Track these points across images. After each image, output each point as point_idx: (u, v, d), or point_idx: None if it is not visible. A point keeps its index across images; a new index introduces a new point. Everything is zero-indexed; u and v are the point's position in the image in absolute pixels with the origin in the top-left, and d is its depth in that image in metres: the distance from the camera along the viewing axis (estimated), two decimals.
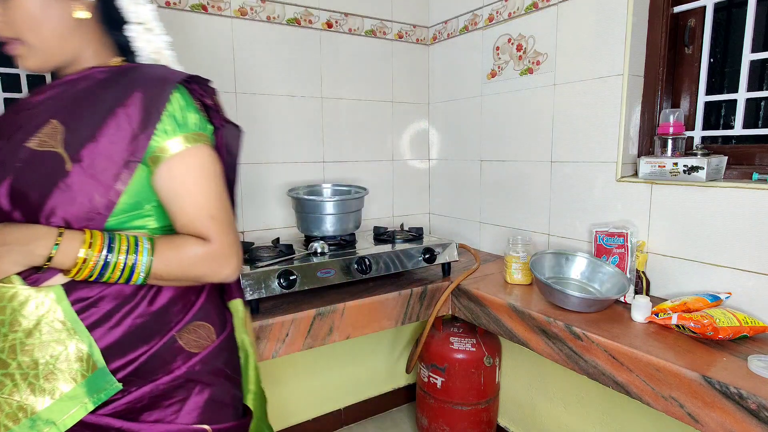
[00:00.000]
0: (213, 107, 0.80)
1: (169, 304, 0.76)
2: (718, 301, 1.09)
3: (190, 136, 0.73)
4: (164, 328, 0.75)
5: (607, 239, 1.31)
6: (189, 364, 0.76)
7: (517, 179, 1.69)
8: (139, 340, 0.72)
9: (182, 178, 0.72)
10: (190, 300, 0.79)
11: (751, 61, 1.19)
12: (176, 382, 0.74)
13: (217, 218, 0.74)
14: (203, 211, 0.73)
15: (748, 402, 0.81)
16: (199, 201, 0.73)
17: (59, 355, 0.66)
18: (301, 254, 1.35)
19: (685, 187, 1.21)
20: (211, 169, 0.75)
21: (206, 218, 0.73)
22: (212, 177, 0.75)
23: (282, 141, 1.74)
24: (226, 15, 1.58)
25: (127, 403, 0.70)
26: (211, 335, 0.80)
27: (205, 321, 0.80)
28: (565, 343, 1.14)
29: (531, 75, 1.60)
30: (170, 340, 0.75)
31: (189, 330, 0.77)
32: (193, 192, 0.73)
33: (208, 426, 0.76)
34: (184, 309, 0.78)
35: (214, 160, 0.76)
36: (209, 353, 0.79)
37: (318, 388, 1.89)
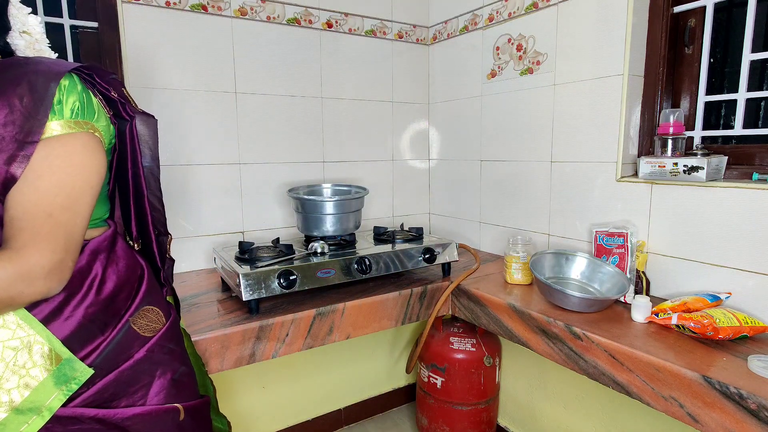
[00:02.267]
0: (118, 99, 0.79)
1: (116, 291, 0.75)
2: (718, 301, 1.09)
3: (68, 122, 0.67)
4: (117, 315, 0.75)
5: (607, 239, 1.31)
6: (146, 347, 0.77)
7: (517, 179, 1.69)
8: (96, 328, 0.72)
9: (40, 162, 0.64)
10: (134, 286, 0.80)
11: (751, 61, 1.19)
12: (139, 366, 0.75)
13: (54, 219, 0.64)
14: (40, 207, 0.64)
15: (748, 402, 0.81)
16: (44, 192, 0.64)
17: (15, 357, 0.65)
18: (301, 254, 1.35)
19: (685, 187, 1.21)
20: (77, 162, 0.67)
21: (42, 215, 0.64)
22: (75, 171, 0.67)
23: (282, 141, 1.74)
24: (226, 15, 1.58)
25: (94, 394, 0.70)
26: (161, 318, 0.82)
27: (153, 305, 0.81)
28: (565, 343, 1.14)
29: (531, 75, 1.60)
30: (125, 326, 0.75)
31: (141, 315, 0.78)
32: (43, 179, 0.64)
33: (179, 405, 0.79)
34: (131, 295, 0.78)
35: (89, 154, 0.69)
36: (162, 335, 0.81)
37: (318, 388, 1.89)
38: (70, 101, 0.68)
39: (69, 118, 0.67)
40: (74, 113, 0.68)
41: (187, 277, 1.54)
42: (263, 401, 1.73)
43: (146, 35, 1.46)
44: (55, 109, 0.66)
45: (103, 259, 0.76)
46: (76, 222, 0.68)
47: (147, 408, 0.75)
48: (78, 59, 1.46)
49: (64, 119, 0.67)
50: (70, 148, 0.67)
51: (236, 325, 1.11)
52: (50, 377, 0.66)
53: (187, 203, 1.58)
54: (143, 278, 0.82)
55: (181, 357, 0.85)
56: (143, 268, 0.83)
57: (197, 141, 1.58)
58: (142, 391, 0.76)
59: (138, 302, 0.78)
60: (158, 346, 0.79)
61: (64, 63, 0.71)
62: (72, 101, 0.68)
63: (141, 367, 0.76)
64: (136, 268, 0.82)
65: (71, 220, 0.67)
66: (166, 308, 0.84)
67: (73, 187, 0.67)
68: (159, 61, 1.49)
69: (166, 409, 0.77)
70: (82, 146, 0.68)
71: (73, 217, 0.67)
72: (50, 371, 0.66)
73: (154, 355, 0.78)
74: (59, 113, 0.66)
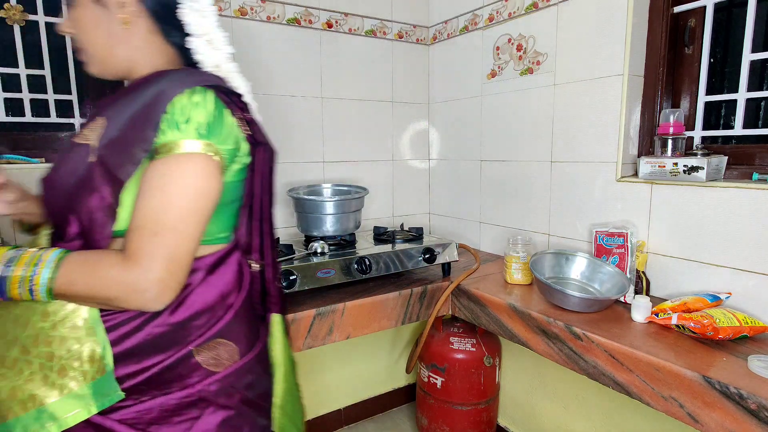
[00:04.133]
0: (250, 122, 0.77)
1: (192, 317, 0.72)
2: (718, 301, 1.09)
3: (191, 142, 0.66)
4: (182, 341, 0.71)
5: (607, 239, 1.31)
6: (205, 382, 0.72)
7: (517, 179, 1.69)
8: (156, 349, 0.70)
9: (157, 179, 0.66)
10: (217, 315, 0.75)
11: (751, 61, 1.19)
12: (189, 398, 0.71)
13: (158, 239, 0.64)
14: (150, 223, 0.65)
15: (748, 402, 0.80)
16: (154, 210, 0.65)
17: (74, 352, 0.66)
18: (301, 254, 1.35)
19: (685, 187, 1.21)
20: (191, 184, 0.66)
21: (148, 233, 0.64)
22: (187, 193, 0.66)
23: (282, 141, 1.73)
24: (226, 15, 1.58)
25: (136, 412, 0.68)
26: (234, 355, 0.76)
27: (228, 339, 0.75)
28: (565, 343, 1.14)
29: (531, 75, 1.60)
30: (187, 354, 0.71)
31: (209, 347, 0.73)
32: (156, 197, 0.65)
33: None
34: (208, 324, 0.74)
35: (204, 177, 0.67)
36: (229, 374, 0.74)
37: (318, 388, 1.89)
38: (197, 120, 0.67)
39: (193, 137, 0.66)
40: (199, 133, 0.67)
41: None
42: None
43: None
44: (181, 127, 0.66)
45: (197, 279, 0.73)
46: (181, 243, 0.66)
47: None
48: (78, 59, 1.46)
49: (188, 138, 0.66)
50: (186, 169, 0.66)
51: None
52: (92, 385, 0.66)
53: None
54: (231, 308, 0.77)
55: (248, 402, 0.78)
56: (239, 295, 0.78)
57: None
58: (185, 424, 0.71)
59: (212, 334, 0.74)
60: (219, 384, 0.73)
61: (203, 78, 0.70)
62: (199, 120, 0.67)
63: (191, 400, 0.71)
64: (229, 296, 0.77)
65: (175, 241, 0.65)
66: (247, 344, 0.79)
67: (181, 209, 0.66)
68: None
69: None
70: (200, 169, 0.67)
71: (178, 238, 0.66)
72: (94, 379, 0.66)
73: (210, 392, 0.72)
74: (184, 131, 0.66)
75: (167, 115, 0.66)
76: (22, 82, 1.39)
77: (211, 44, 0.77)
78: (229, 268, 0.78)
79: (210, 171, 0.68)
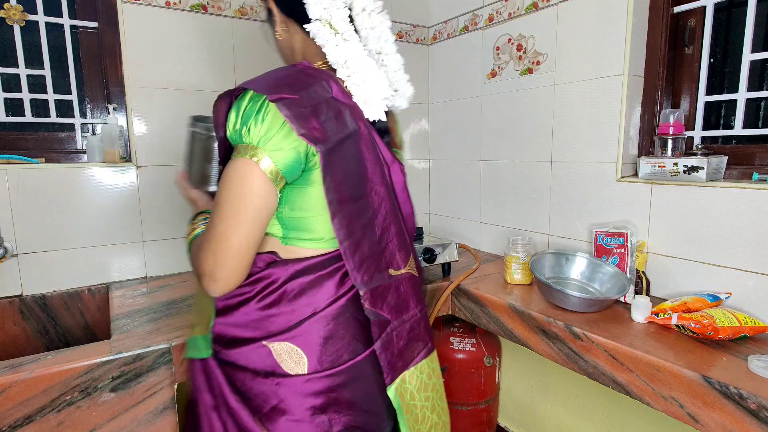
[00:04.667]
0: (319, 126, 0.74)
1: (273, 315, 0.76)
2: (718, 301, 1.09)
3: (252, 148, 0.69)
4: (263, 331, 0.76)
5: (607, 239, 1.31)
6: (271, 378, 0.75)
7: (517, 179, 1.69)
8: (242, 328, 0.77)
9: (223, 178, 0.72)
10: (300, 316, 0.76)
11: (751, 61, 1.19)
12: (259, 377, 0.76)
13: (211, 230, 0.71)
14: (211, 217, 0.73)
15: (748, 402, 0.80)
16: (214, 207, 0.72)
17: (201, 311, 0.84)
18: None
19: (685, 187, 1.21)
20: (247, 187, 0.69)
21: (209, 225, 0.73)
22: (231, 195, 0.69)
23: None
24: (226, 15, 1.58)
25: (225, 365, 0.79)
26: (302, 365, 0.75)
27: (299, 347, 0.75)
28: (565, 343, 1.14)
29: (531, 75, 1.60)
30: (262, 344, 0.76)
31: (283, 347, 0.75)
32: (219, 194, 0.71)
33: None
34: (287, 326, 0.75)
35: (243, 181, 0.69)
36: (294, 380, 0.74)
37: None
38: (261, 127, 0.69)
39: (255, 143, 0.69)
40: (260, 140, 0.69)
41: (187, 276, 1.54)
42: None
43: (146, 35, 1.46)
44: (250, 131, 0.69)
45: (296, 286, 0.76)
46: (231, 239, 0.69)
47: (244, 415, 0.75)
48: (78, 59, 1.46)
49: (249, 144, 0.69)
50: (238, 171, 0.69)
51: None
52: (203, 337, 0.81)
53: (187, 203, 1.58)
54: (314, 316, 0.76)
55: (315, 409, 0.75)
56: (327, 310, 0.77)
57: None
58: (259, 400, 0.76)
59: (285, 337, 0.75)
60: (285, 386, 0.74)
61: (275, 86, 0.71)
62: (260, 128, 0.69)
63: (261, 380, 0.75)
64: (318, 303, 0.76)
65: (222, 233, 0.69)
66: (318, 359, 0.75)
67: (230, 212, 0.69)
68: (159, 61, 1.49)
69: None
70: (253, 175, 0.68)
71: (224, 231, 0.69)
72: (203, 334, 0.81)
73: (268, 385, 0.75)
74: (246, 136, 0.69)
75: (233, 116, 0.72)
76: (22, 82, 1.39)
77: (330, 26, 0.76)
78: (329, 279, 0.77)
79: (250, 173, 0.69)
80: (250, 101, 0.69)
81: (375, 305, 0.77)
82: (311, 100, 0.71)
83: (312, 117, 0.70)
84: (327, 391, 0.75)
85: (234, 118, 0.71)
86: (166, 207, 1.54)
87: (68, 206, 1.39)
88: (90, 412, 0.93)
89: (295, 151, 0.70)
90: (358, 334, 0.78)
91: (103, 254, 1.46)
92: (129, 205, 1.48)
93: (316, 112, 0.71)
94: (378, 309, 0.77)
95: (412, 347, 0.83)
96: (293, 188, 0.74)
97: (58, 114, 1.46)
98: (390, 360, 0.78)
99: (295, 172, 0.71)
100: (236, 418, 0.75)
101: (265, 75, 0.73)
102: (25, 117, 1.41)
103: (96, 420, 0.93)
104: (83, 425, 0.92)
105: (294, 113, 0.68)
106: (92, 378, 0.92)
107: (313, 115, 0.70)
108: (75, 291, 1.42)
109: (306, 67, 0.78)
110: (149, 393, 0.98)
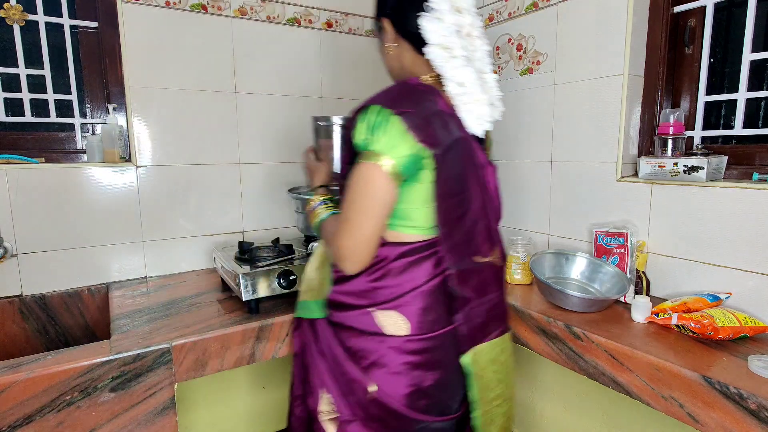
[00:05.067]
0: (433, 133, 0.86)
1: (381, 288, 0.90)
2: (718, 301, 1.09)
3: (374, 154, 0.82)
4: (371, 299, 0.90)
5: (607, 239, 1.31)
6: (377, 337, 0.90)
7: (517, 179, 1.69)
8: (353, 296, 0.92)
9: (350, 178, 0.86)
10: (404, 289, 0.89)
11: (751, 61, 1.19)
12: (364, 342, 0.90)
13: (345, 222, 0.86)
14: (343, 210, 0.87)
15: (748, 402, 0.80)
16: (346, 201, 0.86)
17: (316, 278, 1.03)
18: (302, 254, 1.35)
19: (685, 187, 1.21)
20: (370, 186, 0.83)
21: (343, 216, 0.87)
22: (361, 194, 0.84)
23: (282, 141, 1.74)
24: (226, 15, 1.58)
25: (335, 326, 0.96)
26: (402, 326, 0.89)
27: (402, 314, 0.89)
28: (565, 343, 1.14)
29: (531, 75, 1.60)
30: (369, 310, 0.90)
31: (388, 315, 0.89)
32: (348, 192, 0.86)
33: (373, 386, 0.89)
34: (392, 296, 0.89)
35: (370, 182, 0.83)
36: (396, 342, 0.89)
37: None
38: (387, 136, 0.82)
39: (376, 150, 0.82)
40: (385, 147, 0.82)
41: (187, 277, 1.54)
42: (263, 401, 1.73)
43: (146, 35, 1.46)
44: (378, 140, 0.82)
45: (401, 265, 0.89)
46: (364, 230, 0.84)
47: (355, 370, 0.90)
48: (78, 59, 1.46)
49: (373, 150, 0.83)
50: (366, 174, 0.83)
51: (236, 325, 1.11)
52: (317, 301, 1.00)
53: (187, 203, 1.58)
54: (415, 290, 0.89)
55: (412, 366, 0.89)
56: (425, 286, 0.89)
57: (197, 141, 1.58)
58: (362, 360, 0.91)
59: (391, 306, 0.89)
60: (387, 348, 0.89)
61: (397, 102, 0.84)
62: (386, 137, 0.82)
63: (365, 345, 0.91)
64: (417, 282, 0.89)
65: (356, 225, 0.84)
66: (417, 325, 0.89)
67: (361, 208, 0.84)
68: (159, 61, 1.49)
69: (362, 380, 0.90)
70: (378, 176, 0.82)
71: (358, 223, 0.84)
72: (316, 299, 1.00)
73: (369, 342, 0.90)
74: (373, 144, 0.83)
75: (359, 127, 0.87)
76: (22, 82, 1.39)
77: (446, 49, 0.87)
78: (427, 261, 0.90)
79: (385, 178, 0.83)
80: (378, 115, 0.83)
81: (461, 284, 0.90)
82: (425, 113, 0.84)
83: (427, 126, 0.83)
84: (422, 352, 0.89)
85: (363, 129, 0.85)
86: (166, 207, 1.54)
87: (68, 206, 1.39)
88: (90, 412, 0.93)
89: (412, 155, 0.83)
90: (448, 309, 0.92)
91: (103, 254, 1.46)
92: (129, 205, 1.48)
93: (430, 123, 0.84)
94: (462, 288, 0.90)
95: (488, 325, 0.94)
96: (405, 184, 0.86)
97: (58, 114, 1.46)
98: (468, 332, 0.91)
99: (410, 172, 0.84)
100: (342, 367, 0.91)
101: (385, 92, 0.87)
102: (25, 117, 1.41)
103: (96, 420, 0.93)
104: (83, 425, 0.92)
105: (414, 124, 0.82)
106: (92, 378, 0.92)
107: (428, 125, 0.83)
108: (75, 291, 1.42)
109: (417, 84, 0.90)
110: (149, 393, 0.99)
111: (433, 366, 0.90)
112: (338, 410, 0.92)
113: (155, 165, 1.51)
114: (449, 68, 0.87)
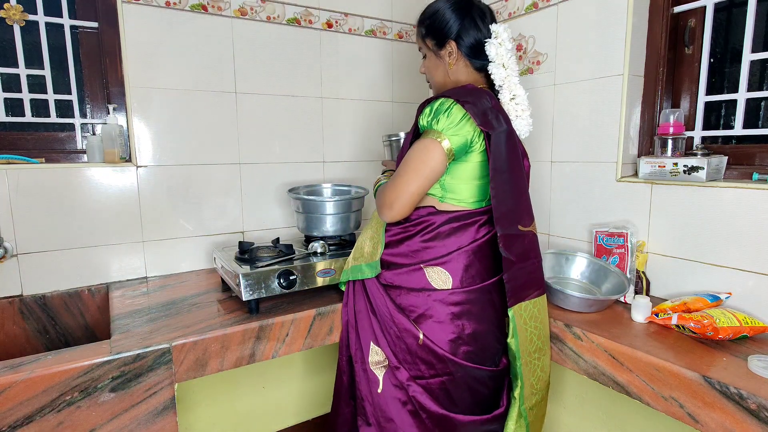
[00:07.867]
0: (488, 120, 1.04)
1: (429, 248, 1.09)
2: (718, 301, 1.09)
3: (435, 132, 1.03)
4: (420, 258, 1.10)
5: (607, 239, 1.31)
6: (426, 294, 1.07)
7: None
8: (404, 257, 1.12)
9: (413, 147, 1.07)
10: (448, 251, 1.08)
11: (751, 61, 1.19)
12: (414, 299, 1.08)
13: (397, 178, 1.05)
14: (399, 170, 1.07)
15: (748, 402, 0.81)
16: (402, 164, 1.07)
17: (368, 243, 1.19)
18: (301, 254, 1.35)
19: (685, 187, 1.21)
20: (424, 156, 1.03)
21: (396, 175, 1.07)
22: (416, 158, 1.04)
23: (282, 141, 1.74)
24: (226, 15, 1.58)
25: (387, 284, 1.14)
26: (447, 281, 1.07)
27: (445, 269, 1.07)
28: (565, 343, 1.14)
29: (531, 75, 1.60)
30: (420, 267, 1.08)
31: (433, 270, 1.07)
32: (407, 156, 1.06)
33: (422, 334, 1.05)
34: (438, 255, 1.08)
35: (427, 151, 1.03)
36: (441, 295, 1.06)
37: (318, 388, 1.89)
38: (448, 119, 1.01)
39: (438, 129, 1.02)
40: (445, 128, 1.02)
41: (187, 277, 1.54)
42: (263, 401, 1.73)
43: (146, 35, 1.46)
44: (439, 122, 1.02)
45: (447, 229, 1.08)
46: (411, 185, 1.03)
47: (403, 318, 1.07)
48: (78, 59, 1.46)
49: (434, 129, 1.03)
50: (426, 145, 1.03)
51: (236, 325, 1.11)
52: (369, 264, 1.16)
53: (188, 203, 1.58)
54: (459, 250, 1.07)
55: (454, 315, 1.06)
56: (467, 249, 1.07)
57: (197, 141, 1.58)
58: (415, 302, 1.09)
59: (438, 263, 1.07)
60: (434, 300, 1.06)
61: (460, 95, 1.03)
62: (447, 119, 1.01)
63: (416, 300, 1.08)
64: (462, 242, 1.08)
65: (405, 180, 1.04)
66: (460, 280, 1.07)
67: (413, 168, 1.03)
68: (159, 61, 1.49)
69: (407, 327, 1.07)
70: (435, 148, 1.02)
71: (407, 179, 1.03)
72: (369, 262, 1.16)
73: (418, 297, 1.08)
74: (435, 125, 1.03)
75: (425, 113, 1.07)
76: (22, 82, 1.39)
77: (504, 67, 1.11)
78: (470, 227, 1.09)
79: (440, 151, 1.02)
80: (441, 103, 1.03)
81: (507, 248, 1.04)
82: (482, 105, 1.03)
83: (484, 115, 1.02)
84: (463, 303, 1.06)
85: (428, 112, 1.04)
86: (166, 207, 1.54)
87: (68, 206, 1.39)
88: (90, 412, 0.93)
89: (465, 137, 1.02)
90: (488, 267, 1.10)
91: (103, 254, 1.46)
92: (129, 205, 1.48)
93: (486, 113, 1.03)
94: (508, 251, 1.04)
95: (529, 286, 1.09)
96: (456, 163, 1.05)
97: (58, 114, 1.46)
98: (513, 290, 1.06)
99: (462, 152, 1.04)
100: (393, 319, 1.08)
101: (450, 90, 1.06)
102: (25, 117, 1.41)
103: (96, 420, 0.93)
104: (83, 425, 0.92)
105: (474, 111, 1.01)
106: (92, 378, 0.92)
107: (484, 114, 1.03)
108: (75, 291, 1.42)
109: (474, 88, 1.10)
110: (149, 393, 0.99)
111: (473, 317, 1.07)
112: (387, 358, 1.09)
113: (155, 165, 1.51)
114: (507, 83, 1.10)
